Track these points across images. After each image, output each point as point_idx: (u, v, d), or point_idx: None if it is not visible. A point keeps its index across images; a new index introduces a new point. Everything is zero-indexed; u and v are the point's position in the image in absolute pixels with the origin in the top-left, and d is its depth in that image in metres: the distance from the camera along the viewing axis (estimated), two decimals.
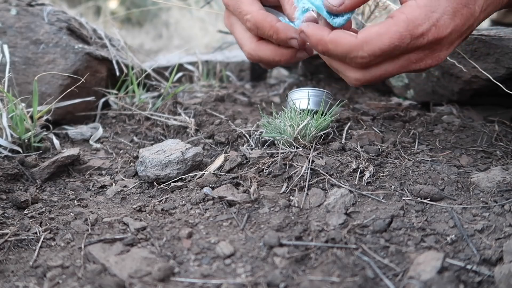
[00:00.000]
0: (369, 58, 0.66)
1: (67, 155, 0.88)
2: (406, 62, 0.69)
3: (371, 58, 0.66)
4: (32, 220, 0.72)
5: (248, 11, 0.81)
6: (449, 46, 0.69)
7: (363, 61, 0.67)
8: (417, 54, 0.68)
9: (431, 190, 0.71)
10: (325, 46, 0.69)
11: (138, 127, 1.07)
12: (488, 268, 0.57)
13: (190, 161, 0.84)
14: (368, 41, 0.65)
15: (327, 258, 0.59)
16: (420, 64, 0.69)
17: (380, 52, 0.65)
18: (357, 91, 1.31)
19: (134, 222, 0.70)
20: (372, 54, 0.66)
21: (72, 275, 0.59)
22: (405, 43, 0.64)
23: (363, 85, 0.74)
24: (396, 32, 0.64)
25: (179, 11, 3.55)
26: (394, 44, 0.64)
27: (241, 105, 1.19)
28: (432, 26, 0.64)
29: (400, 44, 0.64)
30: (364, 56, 0.66)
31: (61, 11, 1.14)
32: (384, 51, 0.65)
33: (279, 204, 0.71)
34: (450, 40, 0.68)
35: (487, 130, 0.92)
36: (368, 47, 0.65)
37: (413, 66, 0.69)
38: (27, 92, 1.02)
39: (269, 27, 0.78)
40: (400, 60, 0.69)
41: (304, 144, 0.82)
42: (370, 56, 0.66)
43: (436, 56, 0.69)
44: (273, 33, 0.79)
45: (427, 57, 0.69)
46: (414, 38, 0.64)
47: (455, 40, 0.69)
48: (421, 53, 0.68)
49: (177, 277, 0.58)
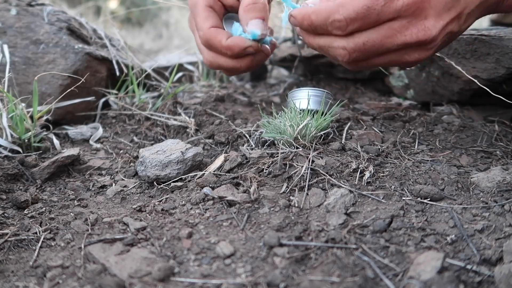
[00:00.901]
0: (345, 21, 0.68)
1: (67, 155, 0.88)
2: (389, 30, 0.68)
3: (347, 21, 0.68)
4: (32, 220, 0.72)
5: (201, 27, 0.86)
6: (436, 17, 0.67)
7: (341, 24, 0.69)
8: (399, 21, 0.67)
9: (431, 190, 0.71)
10: (309, 18, 0.72)
11: (138, 127, 1.07)
12: (488, 268, 0.57)
13: (190, 161, 0.84)
14: (343, 4, 0.68)
15: (327, 258, 0.59)
16: (406, 33, 0.68)
17: (355, 15, 0.67)
18: (357, 91, 1.31)
19: (134, 222, 0.70)
20: (348, 17, 0.68)
21: (72, 275, 0.59)
22: (379, 5, 0.65)
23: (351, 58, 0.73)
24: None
25: (179, 11, 3.55)
26: (367, 5, 0.66)
27: (241, 105, 1.19)
28: None
29: (374, 5, 0.66)
30: (341, 19, 0.68)
31: (61, 11, 1.15)
32: (358, 13, 0.67)
33: (279, 204, 0.71)
34: (435, 7, 0.66)
35: (487, 130, 0.92)
36: (343, 10, 0.68)
37: (399, 37, 0.68)
38: (27, 92, 1.02)
39: (220, 46, 0.84)
40: (383, 27, 0.68)
41: (304, 144, 0.82)
42: (346, 19, 0.68)
43: (421, 25, 0.67)
44: (226, 51, 0.84)
45: (411, 25, 0.67)
46: (388, 0, 0.65)
47: (442, 12, 0.67)
48: (404, 20, 0.67)
49: (177, 277, 0.58)
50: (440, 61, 1.04)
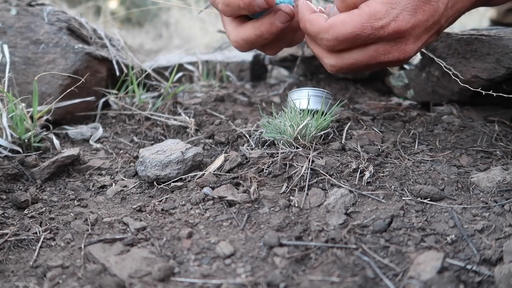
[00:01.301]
0: (333, 41, 0.73)
1: (67, 155, 0.88)
2: (375, 52, 0.74)
3: (335, 42, 0.73)
4: (32, 220, 0.72)
5: None
6: (415, 40, 0.74)
7: (329, 44, 0.74)
8: (383, 45, 0.73)
9: (431, 190, 0.71)
10: (304, 24, 0.77)
11: (138, 127, 1.07)
12: (488, 268, 0.57)
13: (190, 161, 0.84)
14: (333, 26, 0.72)
15: (327, 258, 0.59)
16: (389, 56, 0.74)
17: (343, 38, 0.72)
18: (357, 91, 1.31)
19: (134, 222, 0.70)
20: (336, 39, 0.72)
21: (72, 275, 0.59)
22: (366, 33, 0.71)
23: (339, 72, 0.81)
24: (358, 22, 0.70)
25: (179, 11, 3.55)
26: (355, 33, 0.71)
27: (241, 105, 1.19)
28: (392, 21, 0.70)
29: (361, 33, 0.71)
30: (329, 39, 0.73)
31: (61, 11, 1.15)
32: (347, 38, 0.72)
33: (279, 204, 0.71)
34: (415, 34, 0.73)
35: (487, 130, 0.92)
36: (333, 31, 0.72)
37: (382, 58, 0.75)
38: (27, 92, 1.02)
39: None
40: (369, 50, 0.74)
41: (304, 144, 0.82)
42: (334, 40, 0.73)
43: (402, 50, 0.74)
44: (239, 1, 0.79)
45: (393, 49, 0.74)
46: (375, 29, 0.71)
47: (421, 35, 0.73)
48: (387, 45, 0.73)
49: (177, 277, 0.58)
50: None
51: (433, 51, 1.04)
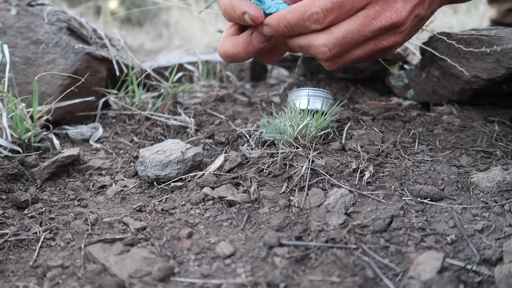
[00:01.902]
0: (322, 12, 0.71)
1: (67, 155, 0.88)
2: (365, 18, 0.73)
3: (325, 12, 0.71)
4: (32, 220, 0.72)
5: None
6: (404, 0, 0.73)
7: (319, 17, 0.72)
8: (373, 7, 0.72)
9: (431, 190, 0.71)
10: (284, 19, 0.74)
11: (138, 127, 1.07)
12: (488, 268, 0.57)
13: (190, 161, 0.84)
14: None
15: (327, 258, 0.59)
16: (380, 18, 0.73)
17: (331, 4, 0.70)
18: (357, 91, 1.31)
19: (134, 222, 0.70)
20: (324, 8, 0.71)
21: (72, 275, 0.59)
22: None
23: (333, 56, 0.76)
24: None
25: (179, 11, 3.55)
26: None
27: (241, 105, 1.19)
28: None
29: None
30: (318, 11, 0.71)
31: (61, 11, 1.15)
32: (334, 3, 0.70)
33: (279, 204, 0.71)
34: None
35: (487, 130, 0.92)
36: (319, 2, 0.71)
37: (375, 23, 0.73)
38: (27, 92, 1.02)
39: (229, 5, 0.79)
40: (359, 16, 0.73)
41: (304, 144, 0.82)
42: (323, 10, 0.71)
43: (392, 8, 0.73)
44: (232, 11, 0.79)
45: (383, 9, 0.72)
46: None
47: None
48: (377, 6, 0.72)
49: (177, 277, 0.58)
50: (440, 61, 1.04)
51: (433, 50, 1.04)
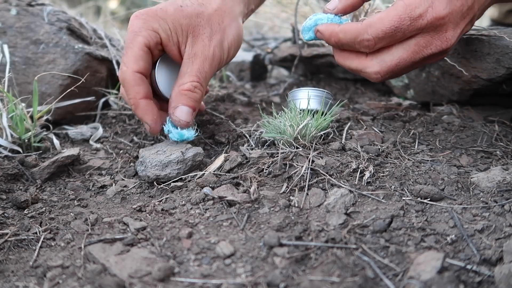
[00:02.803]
0: (373, 40, 0.73)
1: (67, 155, 0.88)
2: (416, 47, 0.74)
3: (376, 40, 0.73)
4: (32, 220, 0.72)
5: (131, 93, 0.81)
6: (454, 27, 0.74)
7: (369, 44, 0.74)
8: (424, 37, 0.73)
9: (431, 190, 0.71)
10: (336, 36, 0.78)
11: (138, 127, 1.07)
12: (488, 268, 0.57)
13: (190, 161, 0.84)
14: (371, 25, 0.73)
15: (327, 258, 0.59)
16: (431, 47, 0.74)
17: (383, 34, 0.72)
18: (357, 91, 1.31)
19: (134, 222, 0.70)
20: (376, 36, 0.73)
21: (72, 275, 0.59)
22: (405, 24, 0.71)
23: (385, 79, 0.80)
24: (395, 15, 0.71)
25: None
26: (394, 26, 0.71)
27: (241, 105, 1.19)
28: (429, 8, 0.70)
29: (400, 25, 0.71)
30: (369, 38, 0.73)
31: (61, 11, 1.14)
32: (386, 33, 0.72)
33: (279, 204, 0.71)
34: (453, 20, 0.73)
35: (487, 130, 0.92)
36: (371, 30, 0.73)
37: (426, 51, 0.74)
38: (27, 92, 1.02)
39: (133, 96, 0.80)
40: (410, 44, 0.74)
41: (304, 144, 0.82)
42: (375, 38, 0.73)
43: (443, 37, 0.74)
44: (133, 106, 0.82)
45: (434, 39, 0.74)
46: (413, 20, 0.71)
47: (459, 21, 0.74)
48: (427, 36, 0.73)
49: (177, 277, 0.58)
50: (441, 61, 1.04)
51: None
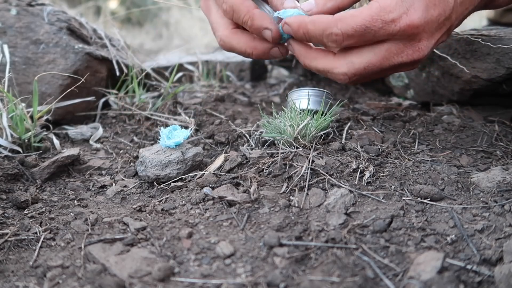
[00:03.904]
0: (342, 36, 0.70)
1: (67, 155, 0.88)
2: (387, 53, 0.71)
3: (344, 36, 0.70)
4: (32, 220, 0.72)
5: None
6: (428, 37, 0.71)
7: (337, 38, 0.70)
8: (396, 44, 0.71)
9: (431, 190, 0.71)
10: (305, 27, 0.73)
11: (138, 127, 1.07)
12: (488, 268, 0.57)
13: (190, 161, 0.84)
14: (342, 19, 0.70)
15: (327, 258, 0.59)
16: (402, 55, 0.72)
17: (352, 31, 0.69)
18: (357, 91, 1.31)
19: (134, 222, 0.70)
20: (345, 32, 0.69)
21: (72, 275, 0.59)
22: (377, 26, 0.68)
23: (352, 82, 0.77)
24: (368, 15, 0.68)
25: (179, 11, 3.55)
26: (365, 26, 0.68)
27: (241, 105, 1.19)
28: (403, 14, 0.68)
29: (371, 26, 0.68)
30: (338, 33, 0.70)
31: (61, 11, 1.15)
32: (356, 31, 0.69)
33: (279, 204, 0.71)
34: (428, 30, 0.70)
35: (487, 130, 0.92)
36: (341, 24, 0.69)
37: (396, 58, 0.72)
38: (27, 92, 1.02)
39: (246, 11, 0.77)
40: (381, 50, 0.72)
41: (304, 144, 0.82)
42: (343, 34, 0.69)
43: (416, 47, 0.71)
44: (248, 19, 0.78)
45: (407, 48, 0.71)
46: (385, 23, 0.68)
47: (434, 32, 0.71)
48: (400, 43, 0.71)
49: (177, 277, 0.58)
50: (441, 61, 1.04)
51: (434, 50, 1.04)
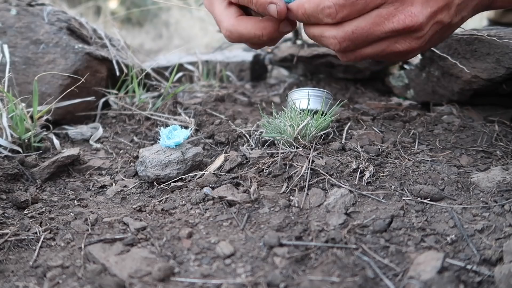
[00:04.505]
0: (334, 7, 0.70)
1: (67, 155, 0.88)
2: (377, 18, 0.71)
3: (337, 8, 0.70)
4: (32, 220, 0.72)
5: None
6: (423, 3, 0.70)
7: (330, 11, 0.71)
8: (387, 8, 0.70)
9: (431, 190, 0.71)
10: (302, 7, 0.74)
11: (138, 127, 1.07)
12: (488, 268, 0.57)
13: (190, 161, 0.84)
14: None
15: (327, 258, 0.59)
16: (393, 20, 0.70)
17: (343, 1, 0.69)
18: (357, 91, 1.31)
19: (134, 222, 0.70)
20: (337, 3, 0.70)
21: (72, 275, 0.59)
22: None
23: (343, 49, 0.76)
24: None
25: (179, 11, 3.56)
26: None
27: (241, 105, 1.19)
28: None
29: None
30: (330, 5, 0.71)
31: (61, 11, 1.15)
32: (347, 0, 0.69)
33: (279, 204, 0.71)
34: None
35: (487, 130, 0.92)
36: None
37: (387, 24, 0.71)
38: (27, 92, 1.02)
39: None
40: (371, 15, 0.71)
41: (304, 144, 0.82)
42: (335, 5, 0.70)
43: (408, 11, 0.70)
44: None
45: (398, 11, 0.70)
46: None
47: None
48: (391, 7, 0.70)
49: (177, 277, 0.58)
50: (440, 61, 1.04)
51: (434, 49, 1.04)
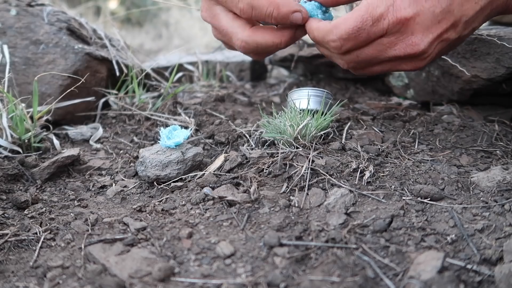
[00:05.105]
0: (339, 41, 0.73)
1: (67, 155, 0.88)
2: (379, 45, 0.73)
3: (341, 41, 0.72)
4: (32, 220, 0.72)
5: None
6: (424, 31, 0.70)
7: (335, 44, 0.73)
8: (388, 38, 0.72)
9: (431, 189, 0.71)
10: (312, 33, 0.78)
11: (138, 127, 1.07)
12: (488, 267, 0.57)
13: (190, 161, 0.84)
14: (336, 26, 0.72)
15: (327, 258, 0.59)
16: (395, 48, 0.72)
17: (347, 35, 0.71)
18: (357, 91, 1.31)
19: (134, 222, 0.70)
20: (341, 37, 0.72)
21: (72, 275, 0.59)
22: (368, 25, 0.70)
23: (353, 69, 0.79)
24: (358, 15, 0.70)
25: (179, 11, 3.55)
26: (357, 27, 0.70)
27: (241, 105, 1.19)
28: (389, 7, 0.69)
29: (363, 26, 0.70)
30: (335, 39, 0.73)
31: (61, 11, 1.15)
32: (350, 34, 0.71)
33: (279, 204, 0.71)
34: (422, 23, 0.70)
35: (487, 130, 0.92)
36: (336, 30, 0.72)
37: (390, 51, 0.73)
38: (27, 92, 1.02)
39: (268, 3, 0.76)
40: (373, 44, 0.73)
41: (304, 144, 0.82)
42: (340, 39, 0.72)
43: (408, 40, 0.71)
44: (274, 9, 0.76)
45: (399, 41, 0.72)
46: (375, 20, 0.69)
47: (431, 26, 0.70)
48: (392, 37, 0.72)
49: (177, 277, 0.58)
50: (440, 61, 1.04)
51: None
